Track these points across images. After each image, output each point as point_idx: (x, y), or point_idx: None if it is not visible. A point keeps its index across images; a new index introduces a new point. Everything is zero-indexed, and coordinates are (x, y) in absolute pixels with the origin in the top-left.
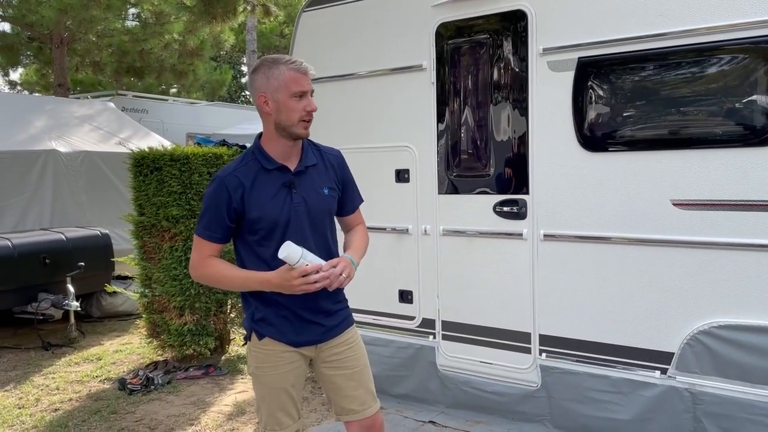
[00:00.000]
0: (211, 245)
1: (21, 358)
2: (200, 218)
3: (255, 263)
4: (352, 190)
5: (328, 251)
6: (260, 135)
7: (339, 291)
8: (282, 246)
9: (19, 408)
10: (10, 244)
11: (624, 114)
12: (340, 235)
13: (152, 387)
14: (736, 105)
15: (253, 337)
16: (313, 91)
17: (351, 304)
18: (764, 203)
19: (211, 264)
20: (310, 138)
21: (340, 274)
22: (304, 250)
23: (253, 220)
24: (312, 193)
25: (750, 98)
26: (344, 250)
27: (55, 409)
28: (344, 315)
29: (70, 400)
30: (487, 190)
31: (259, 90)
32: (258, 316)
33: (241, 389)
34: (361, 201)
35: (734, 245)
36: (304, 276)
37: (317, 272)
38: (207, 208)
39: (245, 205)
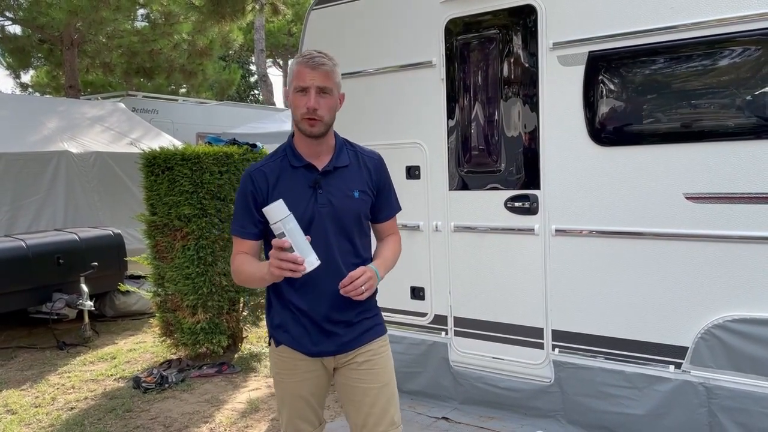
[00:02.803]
0: (244, 242)
1: (36, 357)
2: (233, 217)
3: None
4: (388, 197)
5: (356, 258)
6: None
7: (363, 301)
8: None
9: (36, 407)
10: (24, 244)
11: (635, 108)
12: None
13: (166, 385)
14: (749, 97)
15: (272, 341)
16: (324, 88)
17: None
18: None
19: (236, 259)
20: (346, 138)
21: (361, 286)
22: (293, 218)
23: None
24: (339, 195)
25: (762, 90)
26: (373, 260)
27: (71, 408)
28: (367, 326)
29: (86, 398)
30: (498, 185)
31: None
32: (276, 321)
33: (255, 387)
34: (398, 210)
35: (748, 238)
36: (279, 250)
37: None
38: (237, 204)
39: (269, 201)
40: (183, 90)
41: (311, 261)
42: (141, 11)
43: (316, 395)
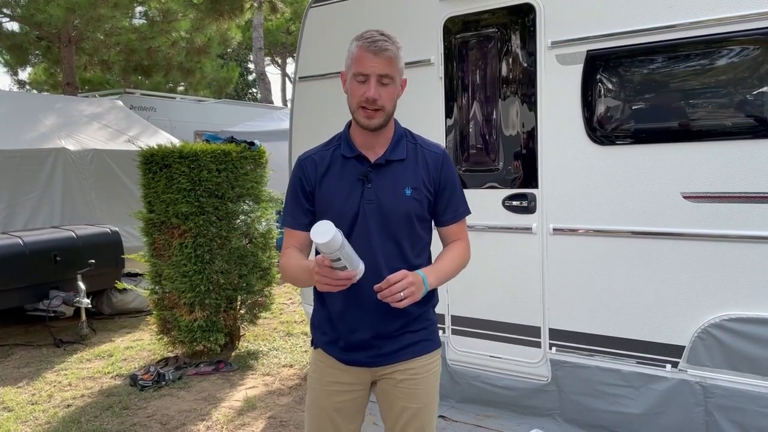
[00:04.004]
0: (294, 234)
1: (33, 354)
2: (284, 208)
3: None
4: (451, 196)
5: (403, 264)
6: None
7: (408, 312)
8: (318, 223)
9: (32, 404)
10: (21, 242)
11: (633, 107)
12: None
13: (163, 383)
14: (747, 96)
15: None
16: (386, 76)
17: None
18: None
19: (284, 255)
20: (410, 130)
21: (399, 292)
22: (344, 239)
23: (321, 209)
24: (388, 191)
25: (760, 89)
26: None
27: (68, 405)
28: (410, 341)
29: (82, 396)
30: (496, 184)
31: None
32: (316, 320)
33: (252, 385)
34: (465, 213)
35: (745, 237)
36: (326, 267)
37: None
38: (287, 194)
39: (315, 191)
40: (181, 88)
41: (361, 270)
42: (139, 9)
43: (342, 413)
